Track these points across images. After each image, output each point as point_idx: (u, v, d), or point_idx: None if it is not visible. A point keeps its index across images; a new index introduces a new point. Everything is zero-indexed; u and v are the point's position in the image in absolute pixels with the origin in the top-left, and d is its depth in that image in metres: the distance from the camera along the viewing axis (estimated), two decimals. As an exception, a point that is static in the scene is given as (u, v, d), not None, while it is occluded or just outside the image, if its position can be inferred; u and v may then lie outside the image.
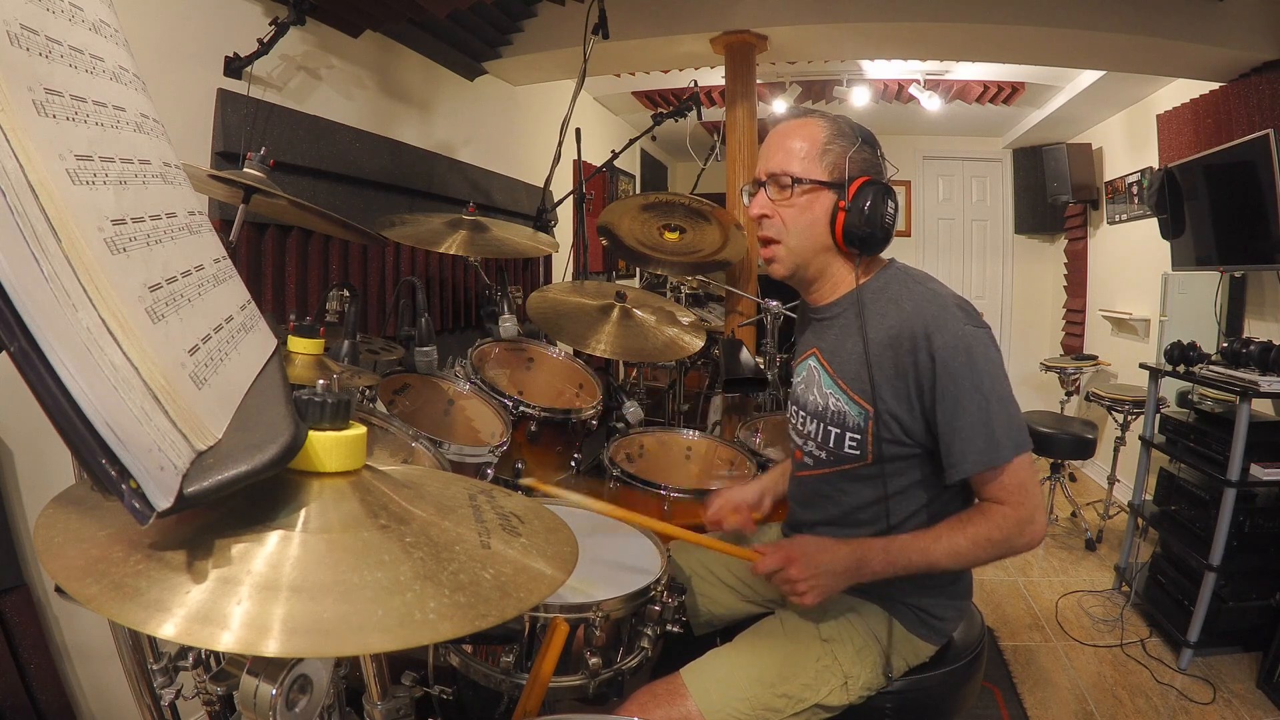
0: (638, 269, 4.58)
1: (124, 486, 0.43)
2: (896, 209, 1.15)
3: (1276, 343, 2.23)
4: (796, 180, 1.14)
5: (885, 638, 1.16)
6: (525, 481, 1.29)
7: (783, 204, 1.16)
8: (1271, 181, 2.45)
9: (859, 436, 1.14)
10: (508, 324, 2.05)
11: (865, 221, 1.12)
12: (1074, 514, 3.74)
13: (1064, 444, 3.43)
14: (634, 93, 4.57)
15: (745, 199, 1.24)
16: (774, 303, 2.50)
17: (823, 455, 1.21)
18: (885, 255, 1.22)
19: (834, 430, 1.18)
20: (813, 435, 1.22)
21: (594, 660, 1.12)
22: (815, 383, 1.22)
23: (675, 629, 1.23)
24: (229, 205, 1.54)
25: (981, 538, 1.06)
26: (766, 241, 1.20)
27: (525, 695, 0.97)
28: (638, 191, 5.55)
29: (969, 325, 1.07)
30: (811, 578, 1.07)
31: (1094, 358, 4.40)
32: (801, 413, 1.26)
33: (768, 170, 1.18)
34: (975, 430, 1.04)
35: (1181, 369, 2.55)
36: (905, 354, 1.08)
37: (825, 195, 1.15)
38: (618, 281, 3.71)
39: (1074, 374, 4.25)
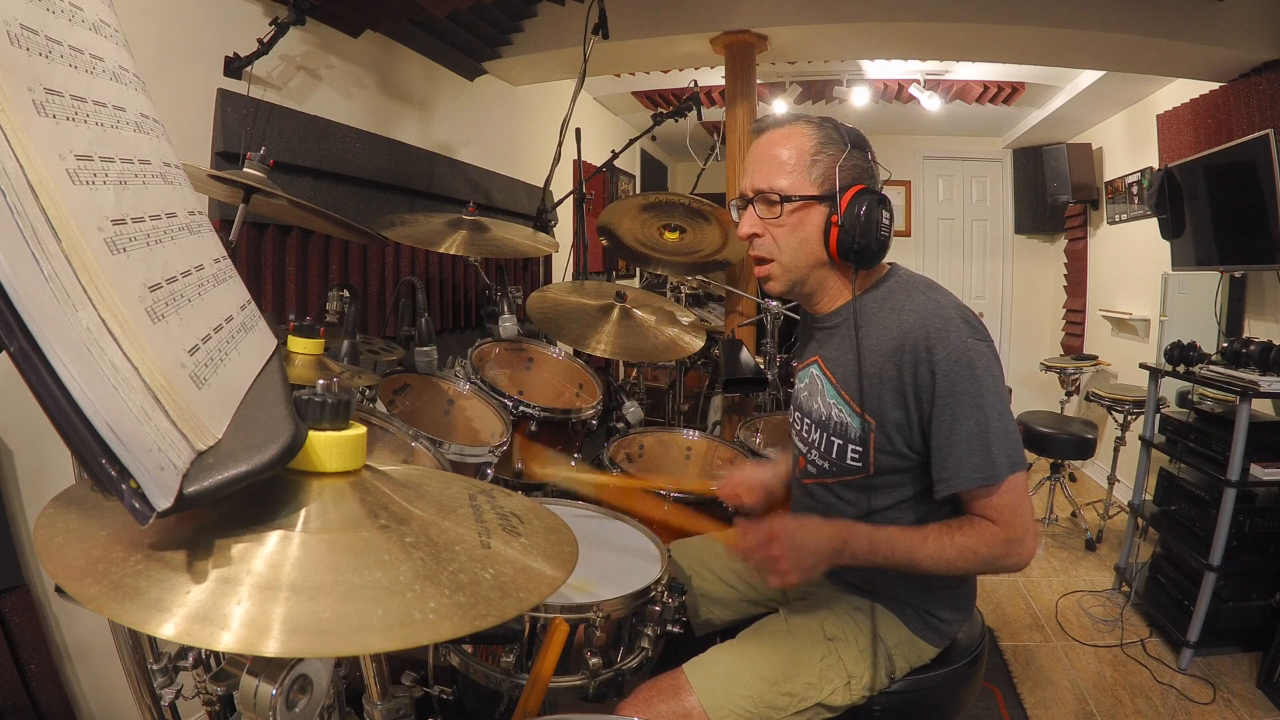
0: (638, 269, 4.59)
1: (124, 486, 0.43)
2: (892, 217, 1.12)
3: (1276, 343, 2.23)
4: (785, 197, 1.10)
5: (889, 638, 1.16)
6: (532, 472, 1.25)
7: (772, 222, 1.12)
8: (1271, 181, 2.45)
9: (860, 449, 1.13)
10: (508, 324, 2.05)
11: (860, 234, 1.08)
12: (1074, 514, 3.73)
13: (1064, 444, 3.42)
14: (634, 93, 4.57)
15: (734, 214, 1.19)
16: (774, 303, 2.50)
17: (825, 465, 1.20)
18: (887, 259, 1.20)
19: (836, 441, 1.17)
20: (816, 444, 1.21)
21: (594, 660, 1.12)
22: (819, 391, 1.21)
23: (675, 629, 1.23)
24: (229, 205, 1.54)
25: (969, 550, 1.04)
26: (759, 260, 1.17)
27: (525, 695, 0.97)
28: (638, 191, 5.55)
29: (971, 338, 1.04)
30: (793, 554, 1.05)
31: (1094, 358, 4.40)
32: (806, 420, 1.25)
33: (754, 186, 1.13)
34: (972, 445, 1.03)
35: (1181, 369, 2.55)
36: (906, 366, 1.06)
37: (816, 210, 1.11)
38: (618, 281, 3.70)
39: (1074, 374, 4.25)
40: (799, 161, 1.11)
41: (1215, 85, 3.03)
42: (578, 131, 2.57)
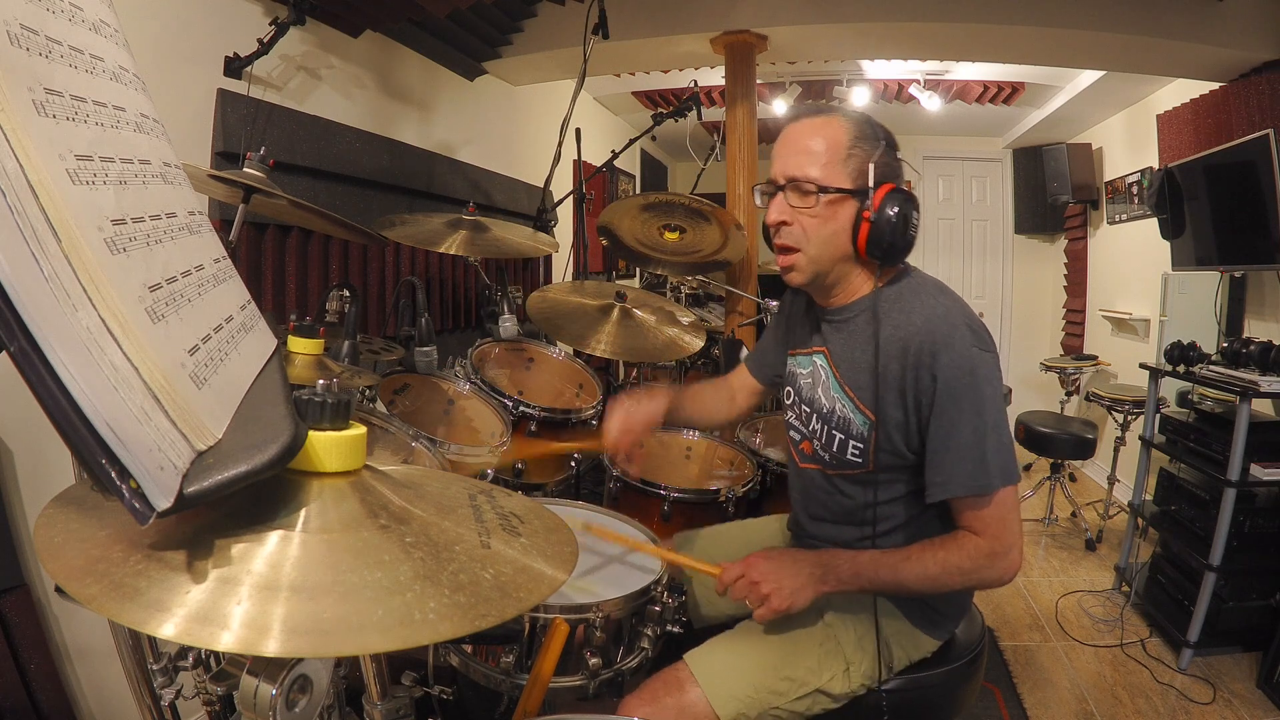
0: (638, 269, 4.59)
1: (124, 486, 0.43)
2: (920, 217, 1.11)
3: (1276, 343, 2.23)
4: (822, 188, 1.08)
5: (888, 626, 1.16)
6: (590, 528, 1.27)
7: (804, 212, 1.10)
8: (1271, 181, 2.45)
9: (862, 445, 1.13)
10: (508, 324, 2.05)
11: (890, 232, 1.07)
12: (1074, 514, 3.73)
13: (1064, 444, 3.42)
14: (634, 93, 4.57)
15: (758, 200, 1.18)
16: (774, 303, 2.50)
17: (826, 457, 1.20)
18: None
19: (838, 435, 1.17)
20: (818, 435, 1.21)
21: (594, 660, 1.12)
22: (822, 383, 1.21)
23: (675, 629, 1.23)
24: (229, 205, 1.54)
25: (952, 565, 1.04)
26: (785, 249, 1.14)
27: (525, 695, 0.97)
28: (638, 191, 5.55)
29: (975, 347, 1.04)
30: (775, 583, 1.05)
31: (1094, 358, 4.40)
32: (806, 408, 1.24)
33: (788, 174, 1.10)
34: (967, 453, 1.03)
35: (1181, 369, 2.55)
36: (909, 367, 1.06)
37: (848, 203, 1.09)
38: (618, 281, 3.70)
39: (1074, 374, 4.25)
40: (833, 153, 1.09)
41: (1215, 85, 3.03)
42: (578, 131, 2.57)
